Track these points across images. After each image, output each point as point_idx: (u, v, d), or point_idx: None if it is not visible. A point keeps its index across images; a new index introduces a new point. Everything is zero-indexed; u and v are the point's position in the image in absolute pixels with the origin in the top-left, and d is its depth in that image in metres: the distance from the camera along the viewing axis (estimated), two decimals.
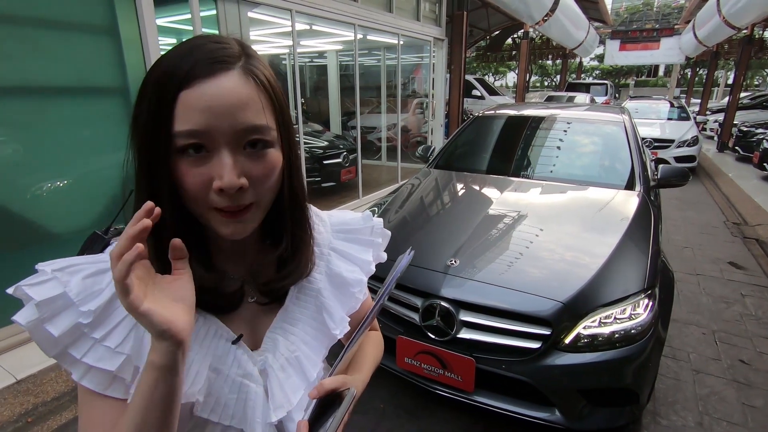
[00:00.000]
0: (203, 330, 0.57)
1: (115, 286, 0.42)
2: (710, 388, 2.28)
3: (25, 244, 2.51)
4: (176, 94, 0.47)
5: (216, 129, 0.48)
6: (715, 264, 3.92)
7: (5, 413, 1.99)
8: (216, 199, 0.50)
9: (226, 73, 0.49)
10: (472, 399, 1.82)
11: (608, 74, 33.60)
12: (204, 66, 0.48)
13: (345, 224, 0.72)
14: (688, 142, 7.81)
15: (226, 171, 0.48)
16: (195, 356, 0.55)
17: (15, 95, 2.41)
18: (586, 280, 1.78)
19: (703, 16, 11.24)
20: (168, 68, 0.49)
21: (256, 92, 0.51)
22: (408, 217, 2.50)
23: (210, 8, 3.31)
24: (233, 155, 0.49)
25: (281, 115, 0.55)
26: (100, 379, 0.50)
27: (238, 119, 0.49)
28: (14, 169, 2.46)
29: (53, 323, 0.48)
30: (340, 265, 0.68)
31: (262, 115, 0.51)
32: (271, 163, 0.53)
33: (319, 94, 9.45)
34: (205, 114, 0.47)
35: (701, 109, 15.39)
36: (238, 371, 0.58)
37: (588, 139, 3.20)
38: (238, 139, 0.50)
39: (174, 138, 0.48)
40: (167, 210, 0.50)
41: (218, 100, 0.48)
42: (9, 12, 2.30)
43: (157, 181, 0.50)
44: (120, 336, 0.50)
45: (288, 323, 0.64)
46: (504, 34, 17.89)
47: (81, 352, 0.49)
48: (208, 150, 0.49)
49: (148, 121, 0.49)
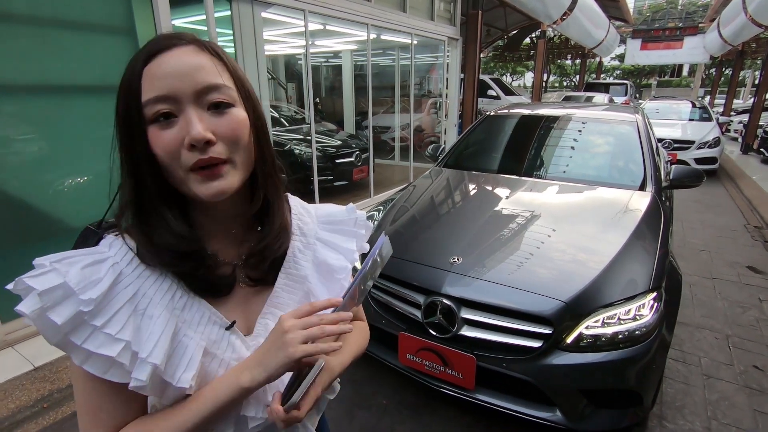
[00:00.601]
0: (197, 316, 0.60)
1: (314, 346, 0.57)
2: (721, 393, 2.23)
3: (45, 237, 2.61)
4: (141, 71, 0.54)
5: (178, 90, 0.53)
6: (732, 268, 3.82)
7: (23, 398, 2.07)
8: (189, 156, 0.54)
9: (180, 47, 0.56)
10: (472, 396, 1.83)
11: (629, 74, 32.93)
12: (162, 42, 0.55)
13: (330, 216, 0.76)
14: (710, 144, 7.61)
15: (192, 125, 0.53)
16: (189, 342, 0.57)
17: (39, 94, 2.51)
18: (589, 279, 1.76)
19: (728, 14, 10.95)
20: (134, 57, 0.55)
21: (211, 59, 0.57)
22: (415, 215, 2.51)
23: (224, 9, 3.38)
24: (198, 113, 0.55)
25: (239, 80, 0.60)
26: (99, 364, 0.52)
27: (196, 79, 0.54)
28: (38, 165, 2.56)
29: (56, 312, 0.50)
30: (326, 254, 0.71)
31: (218, 76, 0.56)
32: (235, 120, 0.57)
33: (334, 93, 9.52)
34: (166, 80, 0.53)
35: (725, 109, 14.95)
36: (233, 355, 0.61)
37: (599, 139, 3.16)
38: (200, 99, 0.55)
39: (144, 108, 0.54)
40: (148, 179, 0.56)
41: (176, 66, 0.54)
42: (33, 14, 2.40)
43: (137, 155, 0.55)
44: (119, 323, 0.53)
45: (278, 308, 0.67)
46: (521, 33, 17.72)
47: (81, 338, 0.51)
48: (176, 115, 0.54)
49: (123, 104, 0.55)
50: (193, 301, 0.60)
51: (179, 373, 0.55)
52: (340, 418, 2.05)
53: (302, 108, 7.53)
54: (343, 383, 2.27)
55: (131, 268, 0.57)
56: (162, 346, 0.54)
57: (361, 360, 2.42)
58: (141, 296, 0.56)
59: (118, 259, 0.56)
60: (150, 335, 0.54)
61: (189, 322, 0.59)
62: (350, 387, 2.25)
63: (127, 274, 0.56)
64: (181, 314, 0.58)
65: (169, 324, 0.56)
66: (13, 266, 2.39)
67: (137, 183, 0.57)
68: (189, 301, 0.59)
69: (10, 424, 1.96)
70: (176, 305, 0.58)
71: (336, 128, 6.89)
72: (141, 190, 0.57)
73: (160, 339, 0.54)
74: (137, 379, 0.52)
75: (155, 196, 0.57)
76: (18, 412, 2.01)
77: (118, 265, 0.56)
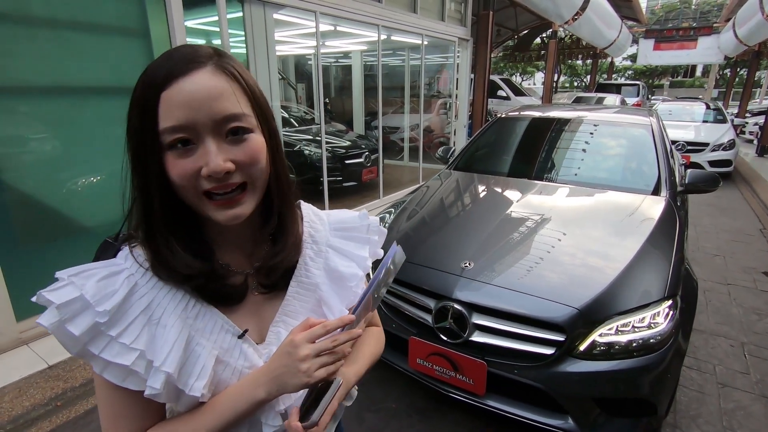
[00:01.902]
0: (210, 324, 0.60)
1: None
2: (736, 402, 2.19)
3: (59, 236, 2.64)
4: (158, 95, 0.52)
5: (197, 121, 0.53)
6: (747, 273, 3.75)
7: (37, 396, 2.10)
8: (205, 183, 0.54)
9: (199, 70, 0.54)
10: (483, 402, 1.81)
11: (642, 74, 32.51)
12: (178, 67, 0.53)
13: (342, 222, 0.76)
14: (724, 146, 7.49)
15: (211, 157, 0.53)
16: (202, 351, 0.58)
17: (54, 94, 2.54)
18: (603, 286, 1.74)
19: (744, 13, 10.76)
20: (150, 75, 0.54)
21: (228, 84, 0.55)
22: (425, 218, 2.50)
23: (236, 10, 3.39)
24: (217, 143, 0.54)
25: (256, 103, 0.59)
26: (117, 372, 0.54)
27: (214, 109, 0.53)
28: (52, 164, 2.59)
29: (73, 323, 0.52)
30: (338, 261, 0.71)
31: (237, 104, 0.55)
32: (253, 147, 0.57)
33: (344, 94, 9.53)
34: (184, 108, 0.52)
35: (740, 111, 14.71)
36: (245, 363, 0.62)
37: (612, 142, 3.12)
38: (218, 128, 0.54)
39: (161, 136, 0.53)
40: (157, 202, 0.55)
41: (195, 94, 0.52)
42: (49, 16, 2.43)
43: (150, 178, 0.55)
44: (134, 333, 0.54)
45: (289, 316, 0.67)
46: (532, 33, 17.59)
47: (99, 348, 0.53)
48: (194, 143, 0.54)
49: (137, 124, 0.54)
50: (206, 310, 0.61)
51: (192, 381, 0.56)
52: (349, 420, 2.05)
53: (312, 108, 7.55)
54: None
55: (145, 279, 0.58)
56: (175, 355, 0.55)
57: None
58: (155, 306, 0.57)
59: (133, 270, 0.58)
60: (164, 344, 0.55)
61: (202, 330, 0.59)
62: (360, 390, 2.24)
63: (141, 285, 0.57)
64: (194, 323, 0.59)
65: (182, 333, 0.57)
66: (28, 265, 2.43)
67: (147, 205, 0.57)
68: (202, 310, 0.60)
69: (25, 421, 1.98)
70: (189, 314, 0.59)
71: (345, 129, 6.89)
72: (150, 213, 0.57)
73: (173, 348, 0.55)
74: (152, 387, 0.54)
75: (162, 223, 0.57)
76: (32, 410, 2.03)
77: (133, 276, 0.57)
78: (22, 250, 2.50)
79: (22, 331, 2.46)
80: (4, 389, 2.11)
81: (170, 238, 0.58)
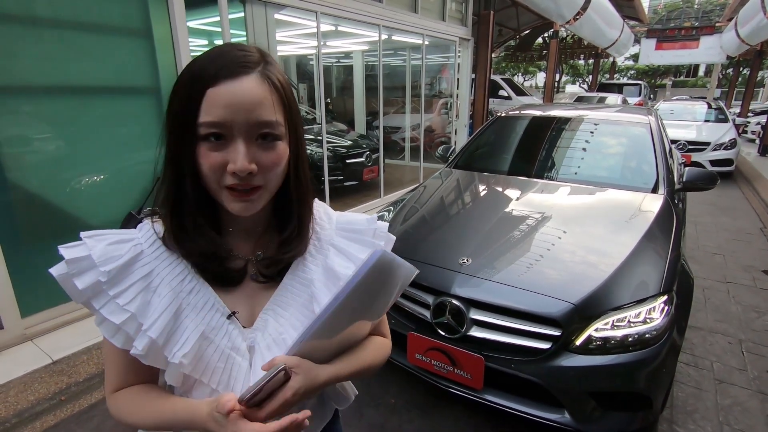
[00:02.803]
0: (202, 301, 0.65)
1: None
2: (733, 398, 2.20)
3: (63, 234, 2.68)
4: (203, 90, 0.57)
5: (234, 122, 0.57)
6: (747, 272, 3.76)
7: (41, 391, 2.13)
8: (228, 178, 0.59)
9: (246, 76, 0.58)
10: (480, 397, 1.83)
11: (644, 74, 32.43)
12: (228, 69, 0.58)
13: (349, 224, 0.77)
14: (725, 145, 7.49)
15: (239, 157, 0.58)
16: (189, 323, 0.63)
17: (58, 94, 2.57)
18: (599, 282, 1.76)
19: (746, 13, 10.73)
20: (199, 69, 0.58)
21: (270, 93, 0.60)
22: (424, 215, 2.52)
23: (238, 11, 3.42)
24: (246, 144, 0.58)
25: (290, 114, 0.63)
26: (110, 328, 0.61)
27: (252, 115, 0.58)
28: (56, 163, 2.63)
29: (79, 278, 0.59)
30: (336, 260, 0.72)
31: (273, 113, 0.60)
32: (278, 154, 0.62)
33: (345, 94, 9.55)
34: (226, 109, 0.57)
35: (742, 110, 14.66)
36: (228, 343, 0.65)
37: (611, 141, 3.14)
38: (251, 132, 0.59)
39: (199, 127, 0.58)
40: (189, 185, 0.61)
41: (238, 98, 0.57)
42: (53, 16, 2.46)
43: (183, 161, 0.60)
44: (129, 296, 0.60)
45: (281, 306, 0.69)
46: (534, 33, 17.58)
47: (99, 304, 0.60)
48: (225, 138, 0.58)
49: (179, 112, 0.59)
50: (201, 287, 0.65)
51: (175, 349, 0.61)
52: (348, 416, 2.08)
53: (313, 108, 7.58)
54: (352, 382, 2.29)
55: (152, 250, 0.64)
56: (161, 323, 0.60)
57: None
58: (155, 276, 0.63)
59: (142, 240, 0.64)
60: (154, 311, 0.60)
61: (193, 305, 0.64)
62: (359, 385, 2.27)
63: (147, 254, 0.63)
64: (186, 297, 0.64)
65: (173, 304, 0.62)
66: (32, 262, 2.47)
67: (178, 183, 0.62)
68: (197, 287, 0.65)
69: (30, 415, 2.02)
70: (184, 288, 0.64)
71: (347, 128, 6.92)
72: (180, 190, 0.62)
73: (161, 316, 0.60)
74: (136, 347, 0.60)
75: (192, 201, 0.63)
76: (37, 404, 2.07)
77: (140, 245, 0.63)
78: (26, 248, 2.53)
79: (26, 327, 2.49)
80: (10, 384, 2.14)
81: (198, 215, 0.64)
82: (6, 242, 2.37)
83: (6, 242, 2.37)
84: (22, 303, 2.45)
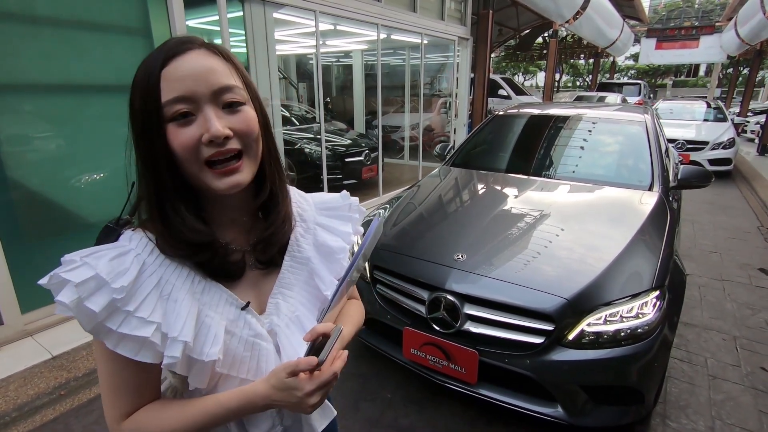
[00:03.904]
0: (216, 298, 0.66)
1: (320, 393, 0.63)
2: (726, 394, 2.22)
3: (62, 232, 2.70)
4: (159, 73, 0.58)
5: (196, 91, 0.58)
6: (743, 270, 3.78)
7: (41, 385, 2.16)
8: (206, 150, 0.59)
9: (193, 51, 0.61)
10: (475, 391, 1.85)
11: (644, 74, 32.43)
12: (175, 48, 0.60)
13: (326, 203, 0.83)
14: (724, 144, 7.50)
15: (212, 122, 0.59)
16: (212, 322, 0.63)
17: (58, 93, 2.60)
18: (592, 277, 1.78)
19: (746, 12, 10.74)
20: (149, 59, 0.60)
21: (222, 62, 0.62)
22: (421, 212, 2.54)
23: (237, 10, 3.44)
24: (216, 111, 0.60)
25: (247, 82, 0.66)
26: (132, 346, 0.58)
27: (211, 80, 0.60)
28: (56, 162, 2.65)
29: (92, 300, 0.55)
30: (326, 237, 0.78)
31: (231, 77, 0.62)
32: (248, 116, 0.63)
33: (344, 93, 9.58)
34: (184, 81, 0.58)
35: (742, 110, 14.66)
36: (250, 332, 0.67)
37: (608, 139, 3.15)
38: (216, 99, 0.60)
39: (164, 109, 0.58)
40: (166, 174, 0.60)
41: (192, 69, 0.59)
42: (53, 15, 2.48)
43: (155, 151, 0.60)
44: (149, 307, 0.58)
45: (285, 288, 0.73)
46: (534, 33, 17.59)
47: (116, 323, 0.56)
48: (194, 114, 0.59)
49: (140, 103, 0.59)
50: (210, 285, 0.66)
51: (207, 348, 0.61)
52: (345, 410, 2.10)
53: (313, 107, 7.60)
54: (349, 377, 2.32)
55: (152, 258, 0.62)
56: (189, 326, 0.59)
57: (367, 354, 2.47)
58: (164, 283, 0.61)
59: (139, 250, 0.61)
60: (177, 317, 0.59)
61: (209, 304, 0.64)
62: (356, 380, 2.30)
63: (149, 263, 0.61)
64: (201, 297, 0.64)
65: (193, 307, 0.62)
66: (32, 259, 2.49)
67: (155, 178, 0.61)
68: (207, 286, 0.65)
69: (30, 409, 2.04)
70: (196, 289, 0.64)
71: (346, 127, 6.94)
72: (159, 185, 0.62)
73: (187, 320, 0.60)
74: (171, 356, 0.58)
75: (171, 191, 0.62)
76: (37, 399, 2.09)
77: (140, 256, 0.61)
78: (27, 245, 2.55)
79: (26, 323, 2.51)
80: (10, 378, 2.17)
81: (180, 205, 0.62)
82: (6, 239, 2.39)
83: (6, 239, 2.39)
84: (22, 299, 2.48)
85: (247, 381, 0.66)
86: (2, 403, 2.03)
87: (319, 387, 0.62)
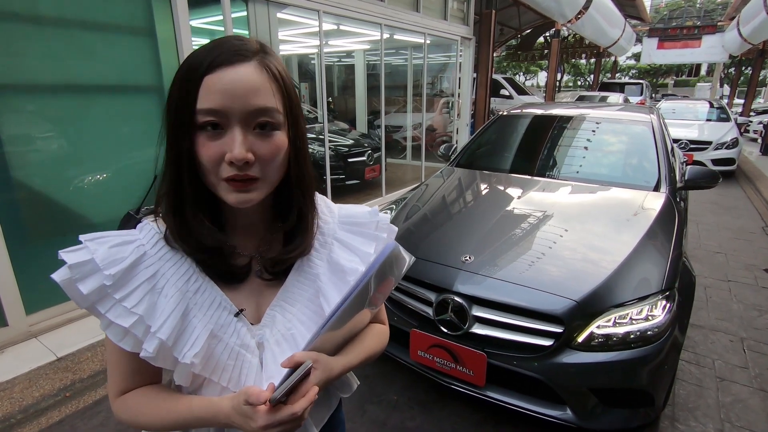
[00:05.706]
0: (209, 300, 0.64)
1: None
2: (734, 396, 2.21)
3: (66, 232, 2.69)
4: (201, 78, 0.56)
5: (230, 109, 0.57)
6: (749, 271, 3.76)
7: (46, 387, 2.15)
8: (226, 169, 0.58)
9: (243, 64, 0.58)
10: (483, 393, 1.84)
11: (646, 74, 32.40)
12: (225, 57, 0.57)
13: (351, 217, 0.77)
14: (727, 144, 7.49)
15: (236, 145, 0.57)
16: (198, 323, 0.62)
17: (62, 93, 2.59)
18: (601, 279, 1.77)
19: (748, 12, 10.73)
20: (196, 58, 0.58)
21: (268, 81, 0.59)
22: (427, 214, 2.53)
23: (241, 9, 3.44)
24: (243, 133, 0.58)
25: (289, 104, 0.62)
26: (117, 332, 0.60)
27: (249, 101, 0.57)
28: (60, 162, 2.64)
29: (83, 283, 0.57)
30: (341, 254, 0.72)
31: (270, 100, 0.59)
32: (276, 143, 0.60)
33: (347, 93, 9.56)
34: (222, 95, 0.56)
35: (744, 109, 14.64)
36: (237, 341, 0.65)
37: (613, 139, 3.14)
38: (248, 120, 0.58)
39: (196, 115, 0.57)
40: (187, 178, 0.60)
41: (234, 84, 0.56)
42: (57, 15, 2.47)
43: (181, 152, 0.59)
44: (136, 299, 0.59)
45: (287, 302, 0.69)
46: (535, 32, 17.57)
47: (105, 308, 0.58)
48: (222, 128, 0.58)
49: (177, 100, 0.58)
50: (207, 285, 0.64)
51: (186, 349, 0.61)
52: (351, 412, 2.09)
53: (315, 107, 7.59)
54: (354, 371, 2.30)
55: (155, 251, 0.63)
56: (170, 324, 0.59)
57: None
58: (159, 276, 0.62)
59: (144, 241, 0.63)
60: (162, 313, 0.60)
61: (200, 305, 0.63)
62: (362, 382, 2.27)
63: (150, 255, 0.62)
64: (193, 297, 0.63)
65: (180, 304, 0.61)
66: (37, 260, 2.48)
67: (178, 177, 0.61)
68: (203, 286, 0.64)
69: (35, 411, 2.03)
70: (190, 288, 0.63)
71: (348, 127, 6.93)
72: (179, 184, 0.61)
73: (169, 317, 0.60)
74: (146, 350, 0.59)
75: (190, 193, 0.61)
76: (42, 400, 2.08)
77: (143, 246, 0.62)
78: (31, 246, 2.55)
79: (31, 324, 2.51)
80: (15, 380, 2.16)
81: (196, 206, 0.62)
82: (11, 240, 2.38)
83: (11, 240, 2.38)
84: (26, 300, 2.47)
85: (228, 390, 0.64)
86: (7, 405, 2.02)
87: (272, 425, 0.55)
